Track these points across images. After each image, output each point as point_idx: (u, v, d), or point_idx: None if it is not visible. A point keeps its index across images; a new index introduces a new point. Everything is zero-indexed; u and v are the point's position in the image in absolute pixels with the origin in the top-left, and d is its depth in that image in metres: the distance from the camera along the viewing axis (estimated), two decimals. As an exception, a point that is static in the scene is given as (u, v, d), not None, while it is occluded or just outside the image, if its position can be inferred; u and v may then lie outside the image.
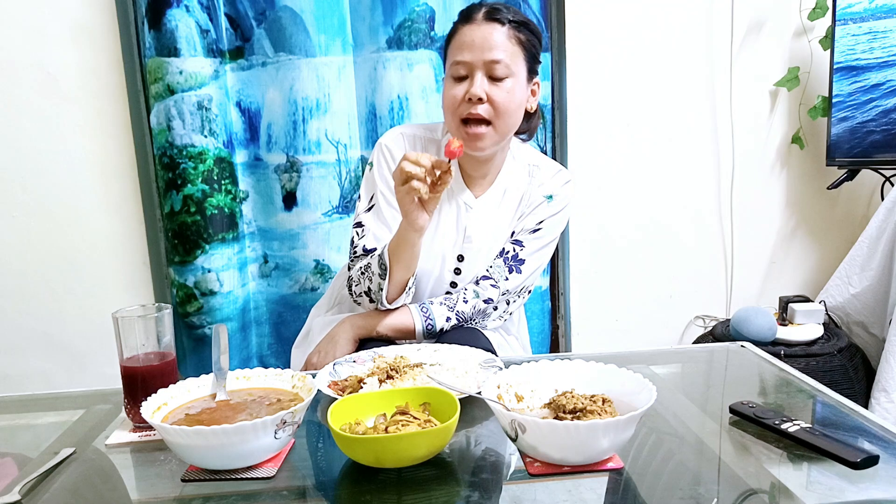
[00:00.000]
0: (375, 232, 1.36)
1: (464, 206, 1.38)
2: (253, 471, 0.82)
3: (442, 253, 1.38)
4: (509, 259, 1.37)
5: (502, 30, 1.25)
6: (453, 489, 0.78)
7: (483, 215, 1.38)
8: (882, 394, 1.75)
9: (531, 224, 1.38)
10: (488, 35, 1.25)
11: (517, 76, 1.27)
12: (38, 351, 2.01)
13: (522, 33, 1.28)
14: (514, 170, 1.40)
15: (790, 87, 2.10)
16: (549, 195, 1.38)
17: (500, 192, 1.39)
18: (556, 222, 1.39)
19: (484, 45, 1.24)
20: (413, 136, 1.39)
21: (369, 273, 1.31)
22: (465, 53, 1.26)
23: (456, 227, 1.38)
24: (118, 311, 0.97)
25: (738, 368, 1.18)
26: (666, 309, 2.22)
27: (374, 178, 1.38)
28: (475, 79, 1.25)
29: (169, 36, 1.77)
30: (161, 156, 1.85)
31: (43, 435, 1.00)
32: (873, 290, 1.94)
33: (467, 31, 1.27)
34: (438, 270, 1.38)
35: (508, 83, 1.26)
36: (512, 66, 1.26)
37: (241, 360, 1.98)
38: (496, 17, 1.26)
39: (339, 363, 1.14)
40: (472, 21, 1.27)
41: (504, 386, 0.91)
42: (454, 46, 1.29)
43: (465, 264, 1.38)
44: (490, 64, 1.25)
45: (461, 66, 1.26)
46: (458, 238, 1.38)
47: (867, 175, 2.14)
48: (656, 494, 0.76)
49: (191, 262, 1.88)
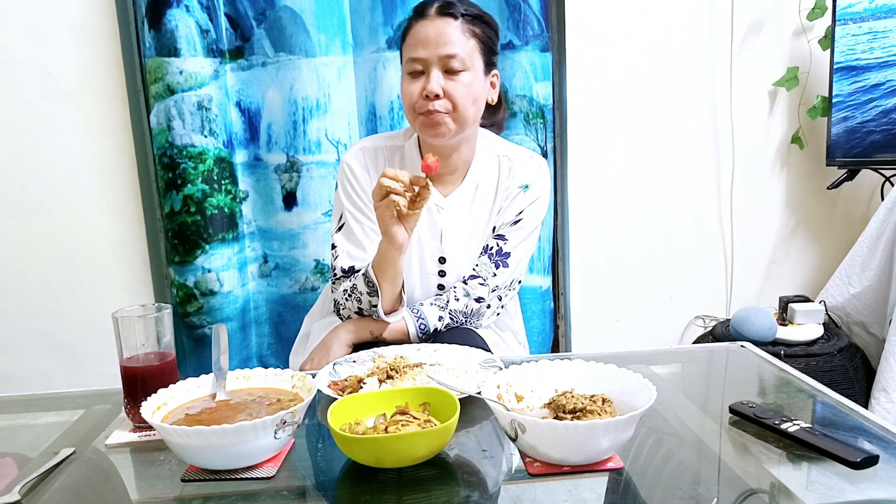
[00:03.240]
0: (348, 251, 1.36)
1: (434, 208, 1.37)
2: (253, 471, 0.82)
3: (420, 258, 1.37)
4: (494, 255, 1.36)
5: (456, 24, 1.26)
6: (453, 489, 0.78)
7: (457, 214, 1.37)
8: (882, 394, 1.75)
9: (511, 216, 1.37)
10: (442, 30, 1.25)
11: (474, 69, 1.28)
12: (38, 351, 2.01)
13: (477, 26, 1.28)
14: (484, 163, 1.39)
15: (790, 87, 2.10)
16: (525, 185, 1.37)
17: (472, 188, 1.39)
18: (535, 210, 1.39)
19: (438, 41, 1.25)
20: (375, 149, 1.40)
21: (356, 294, 1.31)
22: (419, 50, 1.26)
23: (430, 230, 1.37)
24: (118, 311, 0.97)
25: (738, 368, 1.18)
26: (666, 309, 2.22)
27: (339, 197, 1.39)
28: (431, 75, 1.26)
29: (169, 36, 1.77)
30: (161, 156, 1.85)
31: (43, 435, 1.00)
32: (873, 290, 1.94)
33: (421, 27, 1.27)
34: (419, 275, 1.38)
35: (465, 77, 1.26)
36: (467, 60, 1.26)
37: (240, 360, 1.98)
38: (449, 11, 1.26)
39: (339, 363, 1.14)
40: (426, 16, 1.27)
41: (504, 386, 0.91)
42: (409, 43, 1.29)
43: (449, 265, 1.38)
44: (445, 59, 1.25)
45: (417, 63, 1.27)
46: (433, 241, 1.37)
47: (867, 175, 2.14)
48: (656, 494, 0.76)
49: (191, 262, 1.88)
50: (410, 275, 1.37)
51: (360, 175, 1.37)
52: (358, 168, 1.37)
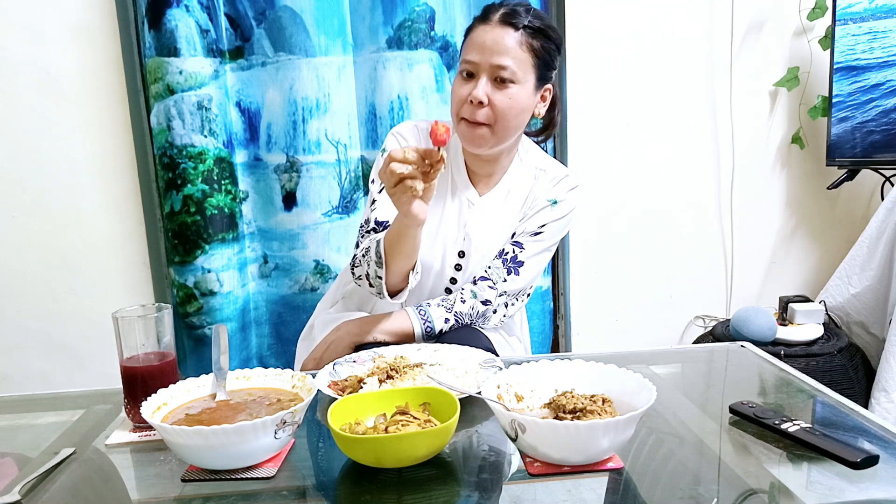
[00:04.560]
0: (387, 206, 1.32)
1: (466, 203, 1.38)
2: (253, 471, 0.82)
3: (444, 248, 1.38)
4: (508, 261, 1.37)
5: (515, 35, 1.24)
6: (453, 489, 0.78)
7: (485, 214, 1.38)
8: (882, 394, 1.75)
9: (533, 227, 1.38)
10: (499, 39, 1.24)
11: (524, 83, 1.27)
12: (38, 351, 2.01)
13: (537, 39, 1.26)
14: (521, 172, 1.40)
15: (790, 87, 2.10)
16: (554, 200, 1.38)
17: (503, 193, 1.39)
18: (558, 227, 1.39)
19: (493, 49, 1.24)
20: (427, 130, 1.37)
21: (368, 258, 1.29)
22: (474, 53, 1.26)
23: (458, 224, 1.38)
24: (118, 311, 0.97)
25: (738, 368, 1.18)
26: (666, 309, 2.22)
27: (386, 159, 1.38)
28: (479, 81, 1.25)
29: (169, 36, 1.77)
30: (161, 156, 1.85)
31: (43, 435, 0.99)
32: (873, 290, 1.94)
33: (481, 32, 1.27)
34: (440, 265, 1.38)
35: (513, 89, 1.25)
36: (519, 73, 1.25)
37: (241, 360, 1.98)
38: (512, 20, 1.25)
39: (339, 363, 1.14)
40: (488, 21, 1.26)
41: (504, 386, 0.91)
42: (468, 44, 1.29)
43: (466, 260, 1.38)
44: (496, 68, 1.24)
45: (469, 66, 1.27)
46: (458, 235, 1.38)
47: (867, 175, 2.14)
48: (656, 494, 0.76)
49: (191, 262, 1.88)
50: (428, 261, 1.36)
51: (411, 143, 1.36)
52: (410, 138, 1.37)
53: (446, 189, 1.38)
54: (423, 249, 1.30)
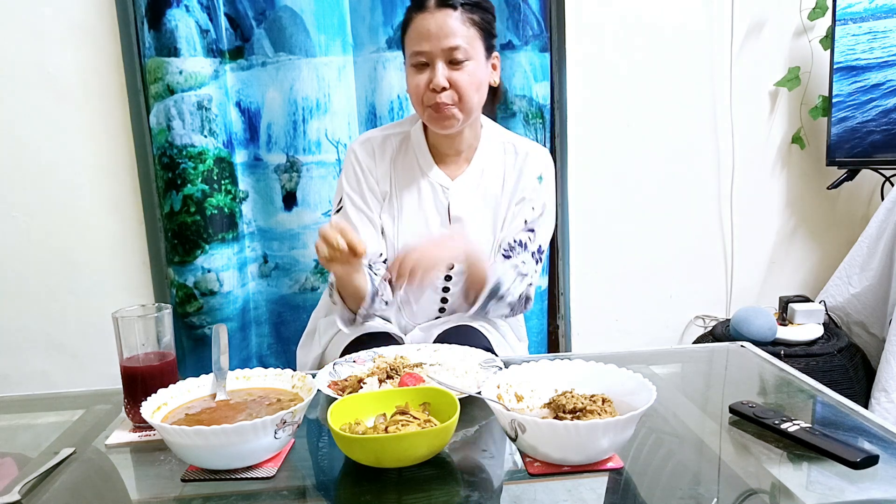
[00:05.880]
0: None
1: (440, 188, 1.40)
2: (253, 471, 0.82)
3: (427, 234, 1.40)
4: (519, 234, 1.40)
5: (456, 14, 1.27)
6: (453, 489, 0.78)
7: (464, 196, 1.40)
8: (882, 394, 1.75)
9: (537, 212, 1.42)
10: (443, 22, 1.27)
11: (476, 58, 1.30)
12: (38, 351, 2.01)
13: (476, 13, 1.30)
14: (489, 149, 1.43)
15: (790, 87, 2.10)
16: (539, 176, 1.42)
17: (478, 172, 1.42)
18: (549, 196, 1.45)
19: (440, 34, 1.27)
20: (384, 137, 1.43)
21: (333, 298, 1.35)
22: (423, 43, 1.28)
23: (436, 208, 1.40)
24: (118, 311, 0.97)
25: (738, 368, 1.18)
26: (666, 309, 2.22)
27: (342, 182, 1.43)
28: (436, 68, 1.28)
29: (169, 36, 1.77)
30: (161, 156, 1.85)
31: (43, 435, 1.00)
32: (873, 290, 1.94)
33: (422, 20, 1.29)
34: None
35: (469, 66, 1.29)
36: (470, 50, 1.28)
37: (240, 360, 1.98)
38: (449, 2, 1.28)
39: (338, 363, 1.14)
40: (425, 9, 1.29)
41: (504, 386, 0.91)
42: (411, 36, 1.31)
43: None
44: (449, 51, 1.27)
45: (421, 56, 1.29)
46: (440, 218, 1.40)
47: (867, 175, 2.14)
48: (656, 494, 0.76)
49: (191, 262, 1.88)
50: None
51: (365, 164, 1.41)
52: (364, 157, 1.41)
53: (419, 178, 1.41)
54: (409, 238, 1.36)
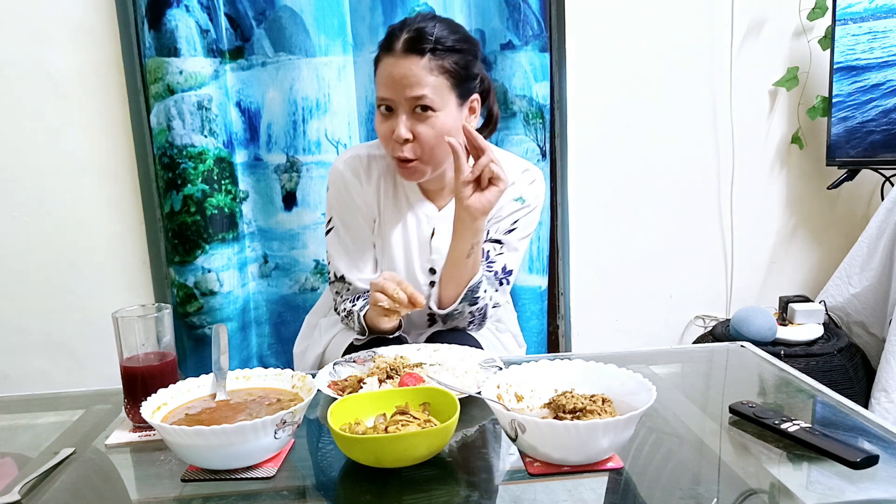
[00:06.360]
0: (338, 257, 1.37)
1: (425, 220, 1.36)
2: (253, 471, 0.82)
3: (413, 268, 1.37)
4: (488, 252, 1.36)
5: (422, 62, 1.19)
6: (453, 489, 0.78)
7: (448, 227, 1.32)
8: (882, 394, 1.75)
9: (506, 226, 1.37)
10: (407, 71, 1.18)
11: (445, 107, 1.22)
12: (38, 351, 2.01)
13: (447, 59, 1.20)
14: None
15: (790, 87, 2.10)
16: (519, 197, 1.36)
17: None
18: (529, 221, 1.38)
19: (404, 82, 1.19)
20: (368, 158, 1.36)
21: (350, 321, 1.32)
22: (386, 89, 1.21)
23: (418, 240, 1.36)
24: (118, 311, 0.97)
25: (738, 368, 1.18)
26: (666, 309, 2.22)
27: (330, 200, 1.38)
28: (399, 118, 1.21)
29: (169, 36, 1.77)
30: (161, 156, 1.85)
31: (43, 435, 1.00)
32: (873, 290, 1.94)
33: (387, 65, 1.21)
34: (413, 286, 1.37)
35: (435, 117, 1.21)
36: (437, 99, 1.20)
37: (241, 360, 1.98)
38: (418, 47, 1.19)
39: (339, 363, 1.14)
40: (393, 52, 1.20)
41: (504, 386, 0.91)
42: (379, 77, 1.24)
43: (439, 276, 1.36)
44: (412, 100, 1.19)
45: (386, 101, 1.22)
46: (425, 251, 1.37)
47: (867, 175, 2.14)
48: (656, 494, 0.76)
49: (191, 262, 1.88)
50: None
51: (351, 185, 1.35)
52: (350, 176, 1.35)
53: (404, 209, 1.36)
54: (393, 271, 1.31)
